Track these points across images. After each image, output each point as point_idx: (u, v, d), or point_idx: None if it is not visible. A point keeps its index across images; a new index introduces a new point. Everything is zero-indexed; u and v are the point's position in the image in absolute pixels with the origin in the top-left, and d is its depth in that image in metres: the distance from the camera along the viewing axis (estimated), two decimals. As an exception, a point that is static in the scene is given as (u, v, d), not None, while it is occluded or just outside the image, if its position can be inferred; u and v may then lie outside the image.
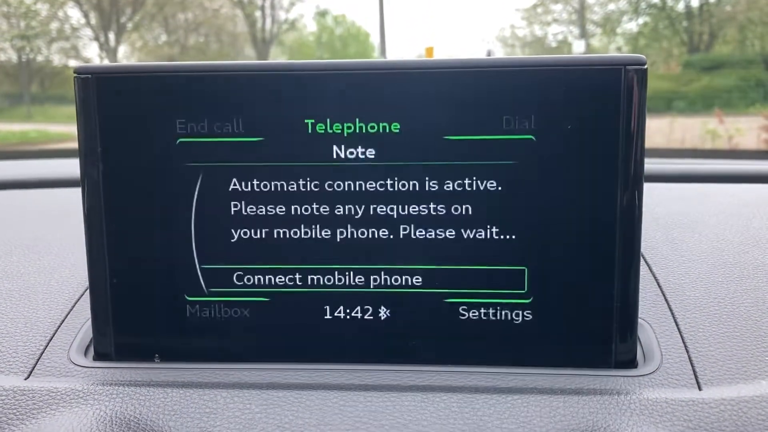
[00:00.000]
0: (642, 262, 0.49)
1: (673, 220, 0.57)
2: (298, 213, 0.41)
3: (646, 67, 0.39)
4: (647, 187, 0.41)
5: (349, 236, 0.41)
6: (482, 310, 0.41)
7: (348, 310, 0.42)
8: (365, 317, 0.42)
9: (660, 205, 0.60)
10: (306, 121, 0.40)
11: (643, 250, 0.50)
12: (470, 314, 0.41)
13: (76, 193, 0.53)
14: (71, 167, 0.79)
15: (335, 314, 0.42)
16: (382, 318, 0.42)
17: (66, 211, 0.64)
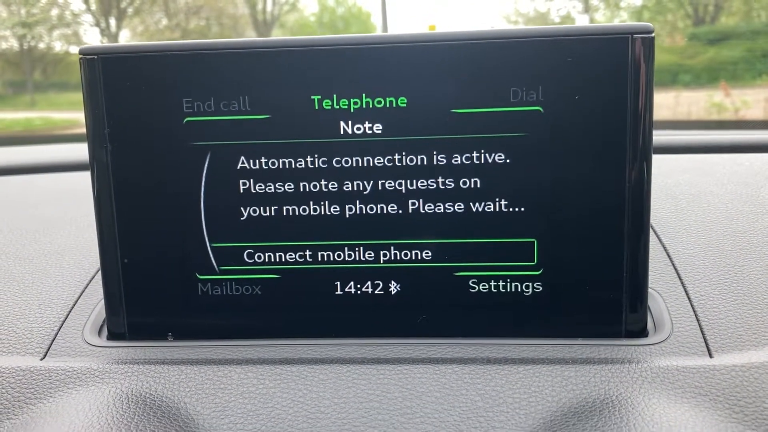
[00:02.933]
0: (651, 232, 0.49)
1: (682, 190, 0.57)
2: (307, 190, 0.41)
3: (653, 35, 0.39)
4: (655, 158, 0.40)
5: (358, 212, 0.41)
6: (492, 283, 0.42)
7: (359, 286, 0.42)
8: (376, 292, 0.42)
9: (668, 176, 0.60)
10: (312, 97, 0.40)
11: (651, 220, 0.50)
12: (480, 287, 0.42)
13: (85, 177, 0.53)
14: (80, 151, 0.79)
15: (346, 290, 0.42)
16: (393, 292, 0.42)
17: (76, 195, 0.65)
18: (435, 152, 0.40)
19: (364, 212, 0.41)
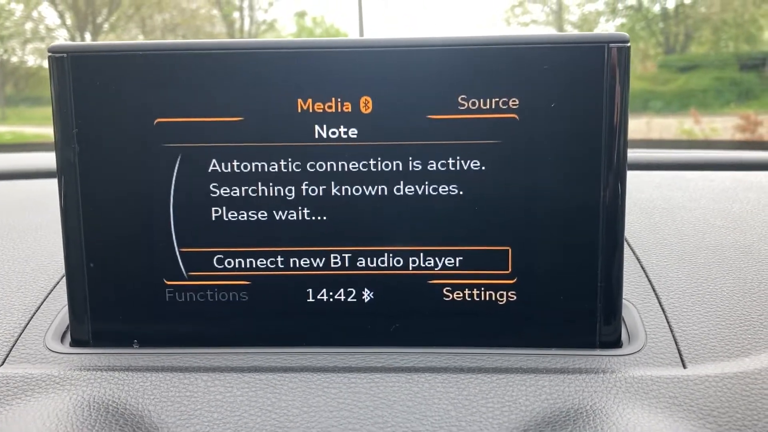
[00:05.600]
0: (625, 245, 0.49)
1: (655, 205, 0.57)
2: (280, 194, 0.41)
3: (629, 44, 0.39)
4: (629, 174, 0.41)
5: (331, 218, 0.41)
6: (466, 291, 0.41)
7: (331, 293, 0.41)
8: (348, 300, 0.41)
9: (641, 191, 0.60)
10: (287, 100, 0.40)
11: (626, 234, 0.50)
12: (454, 295, 0.41)
13: (51, 185, 0.52)
14: (46, 159, 0.78)
15: (318, 297, 0.42)
16: (366, 300, 0.41)
17: (42, 201, 0.63)
18: (410, 158, 0.40)
19: (337, 218, 0.41)
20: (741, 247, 0.50)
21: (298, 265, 0.41)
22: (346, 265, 0.41)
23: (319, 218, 0.41)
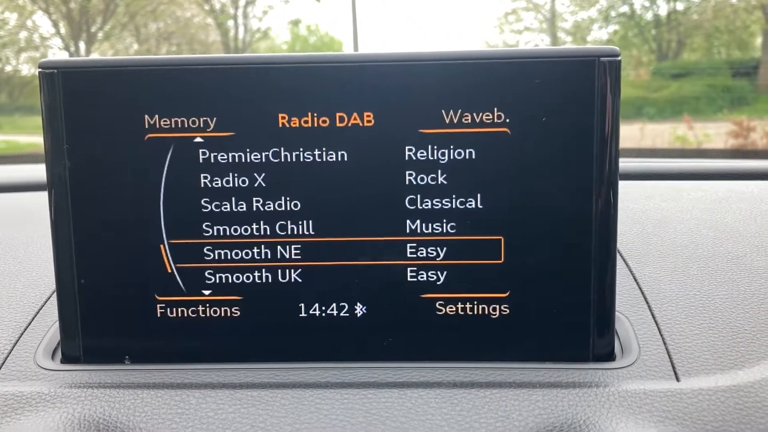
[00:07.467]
0: (618, 256, 0.49)
1: (648, 216, 0.57)
2: (271, 209, 0.41)
3: (619, 58, 0.39)
4: (621, 184, 0.41)
5: (323, 233, 0.41)
6: (459, 306, 0.41)
7: (323, 308, 0.41)
8: (341, 314, 0.41)
9: (634, 202, 0.61)
10: (277, 115, 0.40)
11: (618, 245, 0.50)
12: (447, 309, 0.41)
13: (42, 197, 0.51)
14: (37, 171, 0.77)
15: (310, 312, 0.41)
16: (358, 315, 0.41)
17: (32, 215, 0.63)
18: (402, 173, 0.40)
19: (329, 233, 0.41)
20: (734, 258, 0.50)
21: (289, 280, 0.41)
22: (339, 279, 0.41)
23: (309, 233, 0.41)
